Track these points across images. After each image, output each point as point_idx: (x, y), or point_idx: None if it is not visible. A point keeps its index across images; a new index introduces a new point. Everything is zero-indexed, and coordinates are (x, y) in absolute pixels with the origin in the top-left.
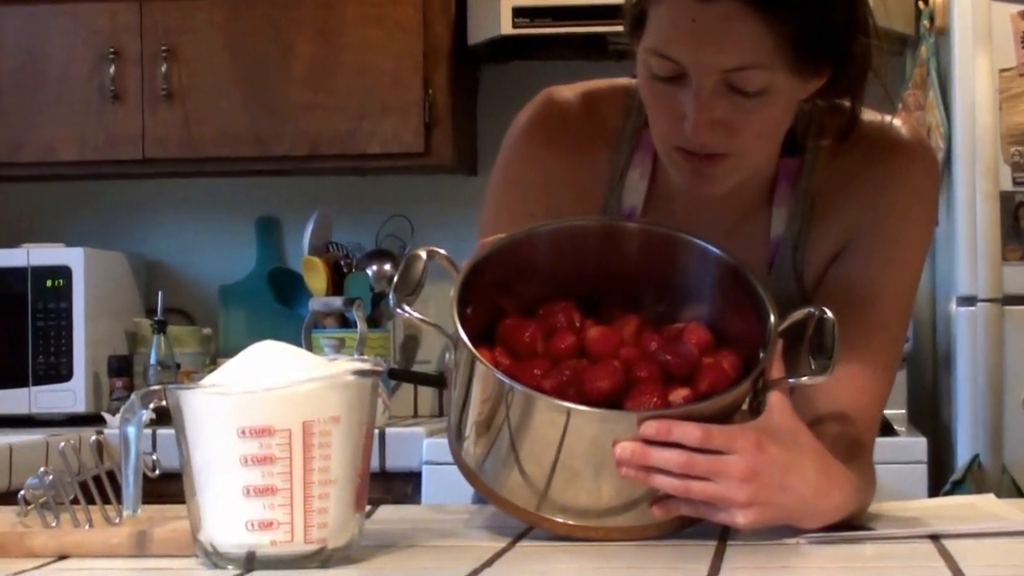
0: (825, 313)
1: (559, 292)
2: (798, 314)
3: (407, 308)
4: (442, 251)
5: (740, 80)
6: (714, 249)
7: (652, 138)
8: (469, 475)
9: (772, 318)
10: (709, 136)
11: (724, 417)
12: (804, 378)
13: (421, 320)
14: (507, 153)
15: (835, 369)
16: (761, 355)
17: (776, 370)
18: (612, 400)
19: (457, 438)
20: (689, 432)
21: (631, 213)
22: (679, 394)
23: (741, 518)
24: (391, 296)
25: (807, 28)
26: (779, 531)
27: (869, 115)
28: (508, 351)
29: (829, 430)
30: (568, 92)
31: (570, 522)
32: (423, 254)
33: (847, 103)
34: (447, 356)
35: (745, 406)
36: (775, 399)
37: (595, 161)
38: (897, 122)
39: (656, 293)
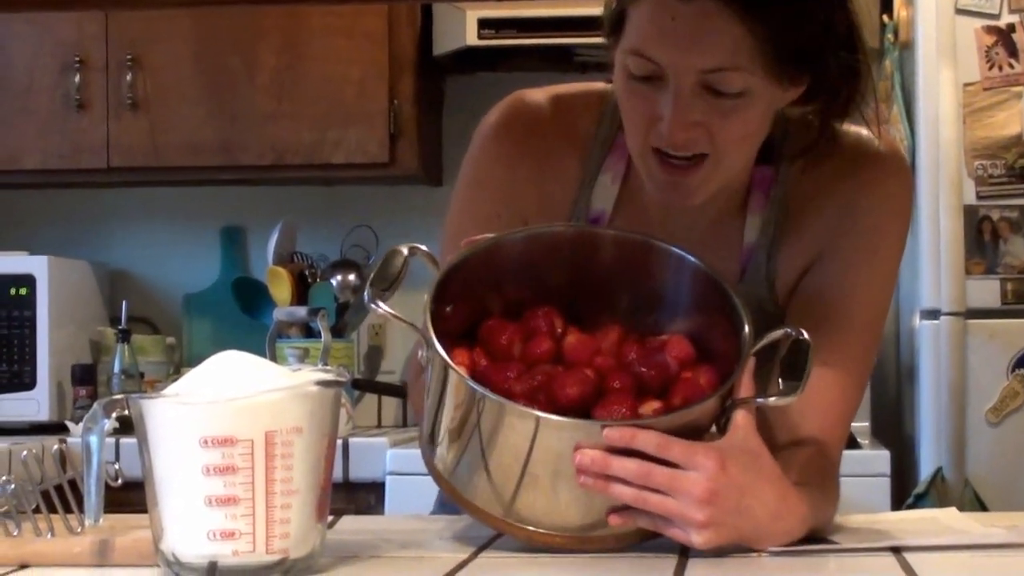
0: (802, 334)
1: (544, 296)
2: (775, 334)
3: (382, 304)
4: (423, 247)
5: (718, 81)
6: (691, 258)
7: (627, 143)
8: (440, 480)
9: (745, 335)
10: (686, 136)
11: (692, 433)
12: (772, 399)
13: (395, 316)
14: (474, 153)
15: (805, 382)
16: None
17: (746, 389)
18: (581, 408)
19: (430, 443)
20: (650, 438)
21: (599, 217)
22: (650, 406)
23: (696, 537)
24: (367, 290)
25: (785, 33)
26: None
27: (845, 126)
28: (487, 352)
29: (797, 444)
30: (538, 94)
31: (534, 528)
32: (404, 250)
33: (815, 119)
34: (419, 353)
35: (714, 427)
36: (740, 419)
37: (563, 164)
38: (873, 134)
39: (633, 300)
